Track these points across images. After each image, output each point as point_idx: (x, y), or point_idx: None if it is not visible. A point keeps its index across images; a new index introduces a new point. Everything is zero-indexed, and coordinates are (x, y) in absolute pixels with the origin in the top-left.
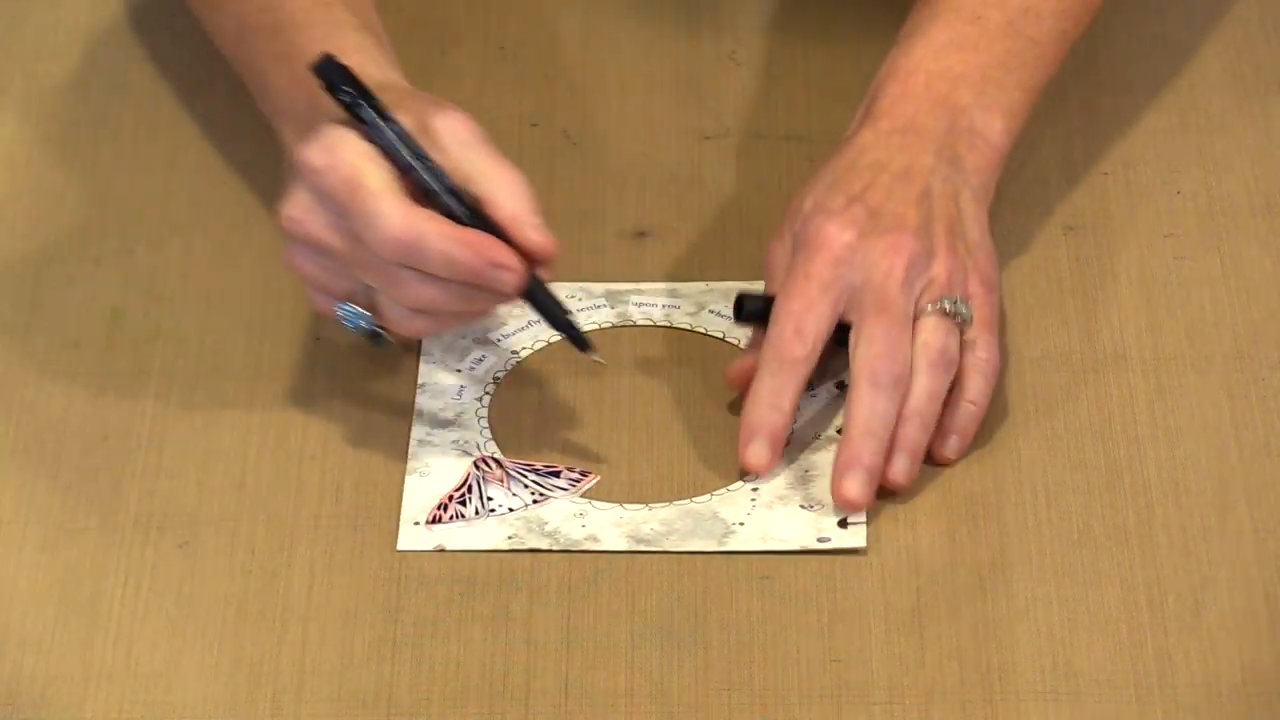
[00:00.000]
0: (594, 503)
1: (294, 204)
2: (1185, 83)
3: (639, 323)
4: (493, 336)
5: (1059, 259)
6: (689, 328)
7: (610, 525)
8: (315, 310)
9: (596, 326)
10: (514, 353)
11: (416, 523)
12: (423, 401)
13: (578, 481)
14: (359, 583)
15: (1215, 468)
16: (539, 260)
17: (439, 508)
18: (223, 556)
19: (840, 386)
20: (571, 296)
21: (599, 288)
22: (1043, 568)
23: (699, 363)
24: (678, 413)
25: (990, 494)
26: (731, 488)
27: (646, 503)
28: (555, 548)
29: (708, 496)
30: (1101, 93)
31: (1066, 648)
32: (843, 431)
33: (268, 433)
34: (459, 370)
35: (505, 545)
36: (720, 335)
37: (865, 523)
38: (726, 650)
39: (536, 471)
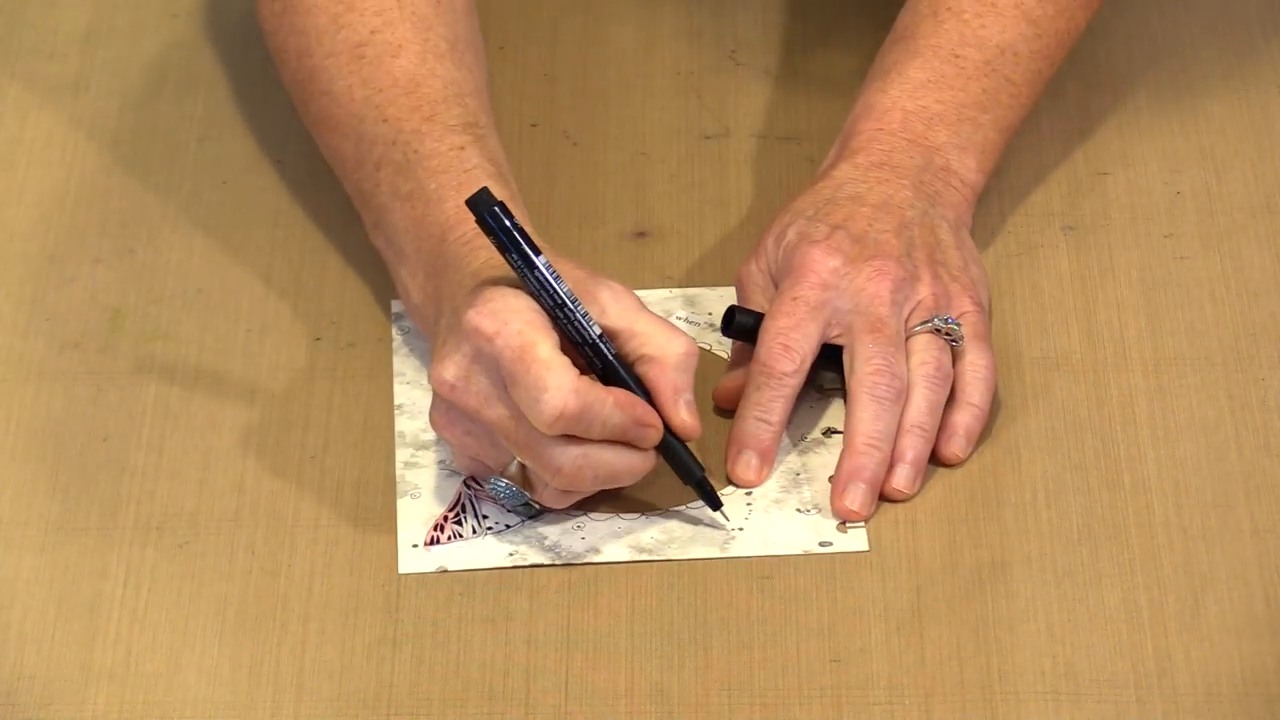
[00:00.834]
0: (590, 514)
1: (452, 368)
2: (1185, 83)
3: None
4: None
5: (1059, 259)
6: None
7: (610, 536)
8: (464, 471)
9: None
10: None
11: (415, 545)
12: (402, 424)
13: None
14: (359, 583)
15: (1215, 468)
16: (685, 436)
17: (435, 529)
18: (223, 556)
19: (821, 390)
20: None
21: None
22: (1043, 568)
23: None
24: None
25: (990, 494)
26: (724, 493)
27: (642, 512)
28: (558, 562)
29: (702, 503)
30: (1101, 93)
31: (1066, 648)
32: (845, 445)
33: (268, 433)
34: None
35: (508, 562)
36: None
37: (864, 525)
38: (726, 650)
39: None
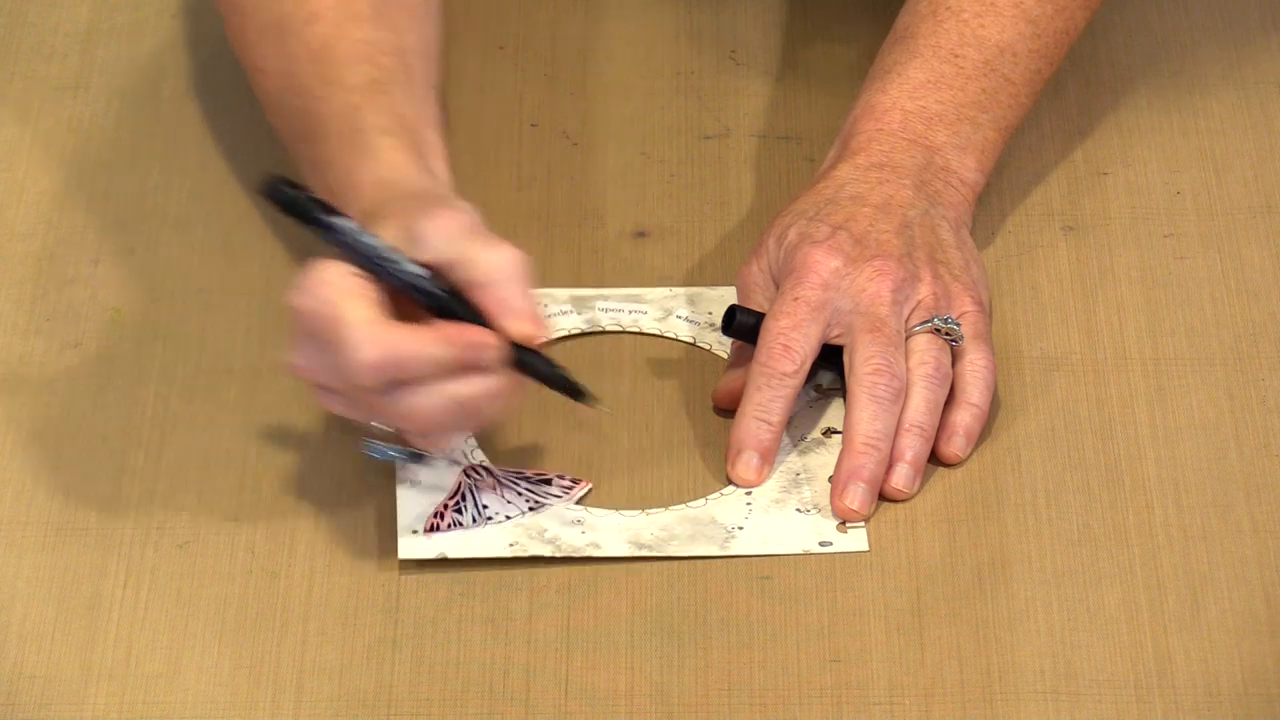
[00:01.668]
0: (590, 510)
1: (295, 353)
2: (1185, 83)
3: (607, 328)
4: None
5: (1059, 259)
6: (658, 333)
7: (610, 531)
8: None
9: (565, 333)
10: None
11: (415, 531)
12: None
13: (570, 489)
14: (359, 583)
15: (1215, 468)
16: (526, 343)
17: (435, 516)
18: (223, 556)
19: (819, 390)
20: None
21: (563, 293)
22: (1043, 568)
23: (673, 367)
24: (660, 418)
25: (990, 494)
26: (725, 491)
27: (642, 508)
28: (558, 555)
29: (703, 501)
30: (1101, 93)
31: (1066, 648)
32: (844, 445)
33: (268, 433)
34: None
35: (507, 552)
36: (690, 340)
37: (864, 525)
38: (726, 650)
39: (527, 479)
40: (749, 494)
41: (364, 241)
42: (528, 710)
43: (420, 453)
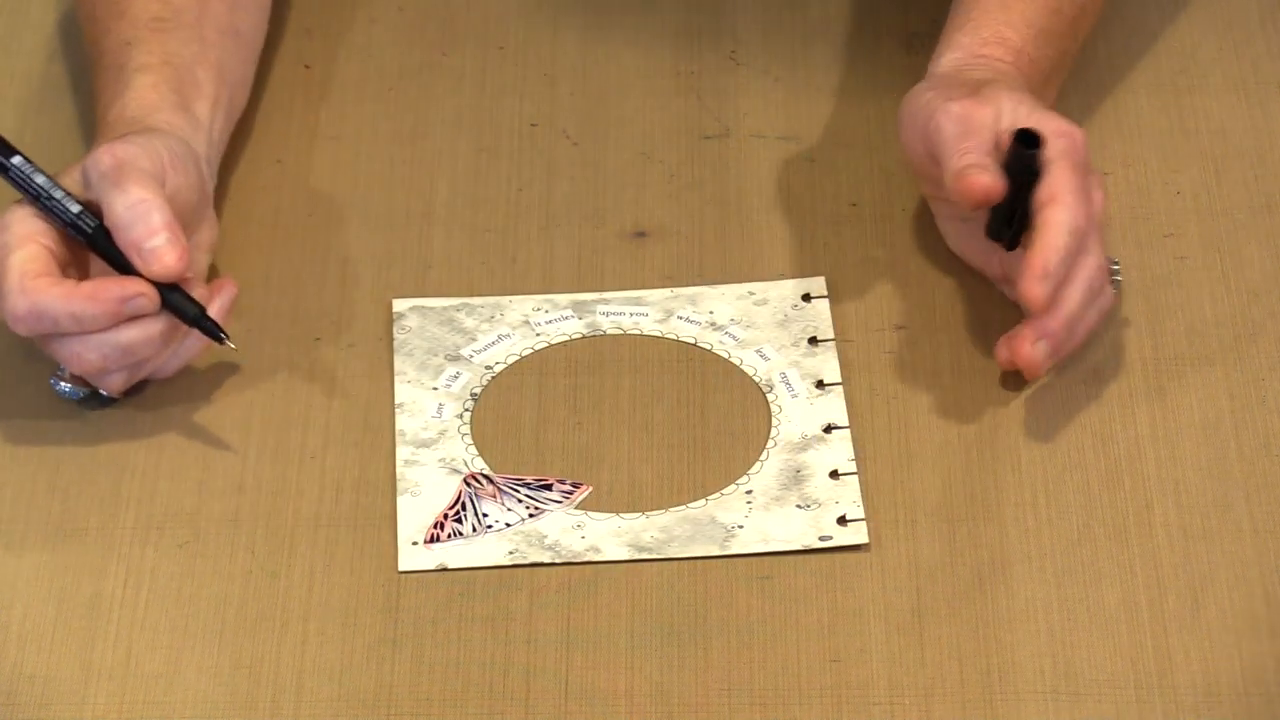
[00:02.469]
0: (590, 514)
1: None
2: (1185, 83)
3: (609, 332)
4: (464, 353)
5: None
6: (659, 334)
7: (610, 535)
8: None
9: (567, 337)
10: (488, 368)
11: (415, 542)
12: (403, 422)
13: (570, 494)
14: (359, 583)
15: (1215, 468)
16: (163, 277)
17: (436, 526)
18: (223, 557)
19: (820, 385)
20: (538, 309)
21: (564, 299)
22: (1043, 568)
23: (673, 368)
24: (662, 420)
25: (990, 494)
26: (725, 491)
27: (642, 511)
28: (558, 561)
29: (703, 501)
30: (1101, 93)
31: (1066, 648)
32: (1047, 306)
33: (268, 433)
34: (434, 388)
35: (507, 561)
36: (692, 341)
37: (865, 519)
38: (726, 650)
39: (528, 485)
40: (749, 492)
41: (33, 180)
42: (528, 710)
43: (103, 393)
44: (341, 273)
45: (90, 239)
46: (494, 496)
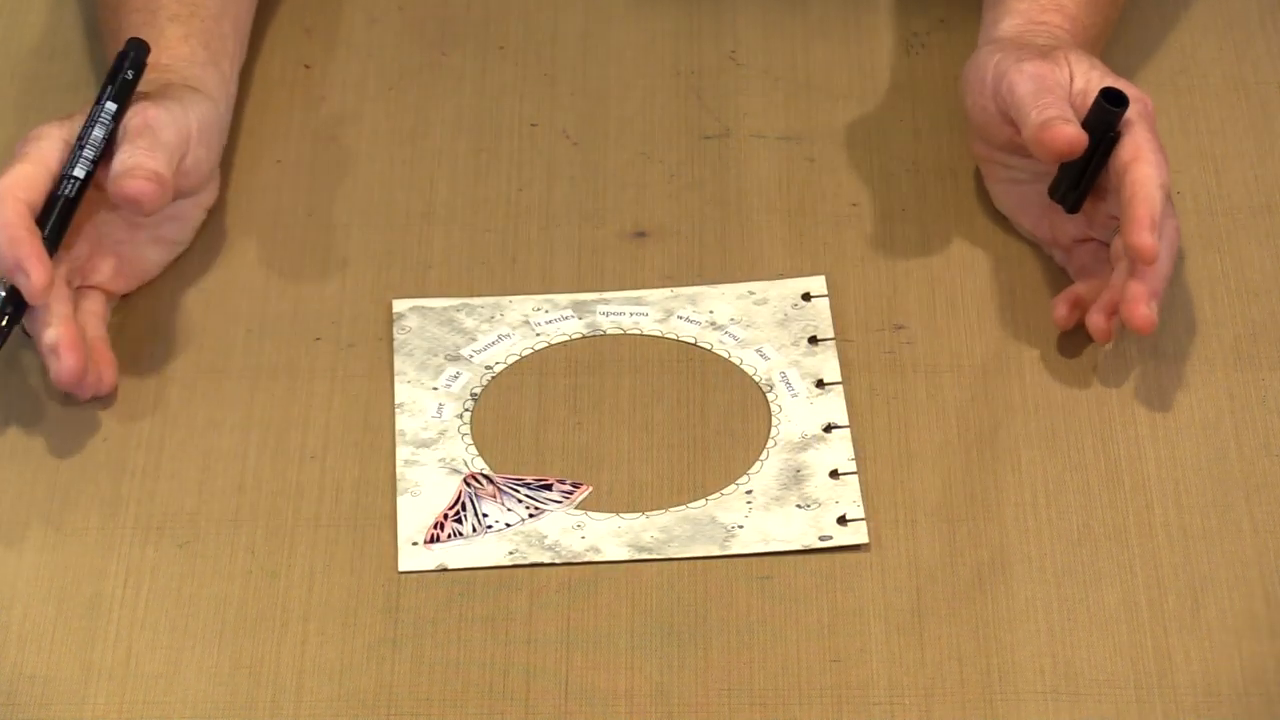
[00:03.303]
0: (590, 514)
1: None
2: (1185, 83)
3: (609, 331)
4: (464, 353)
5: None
6: (659, 334)
7: (609, 535)
8: None
9: (567, 337)
10: (488, 368)
11: (415, 543)
12: (403, 422)
13: (570, 494)
14: (359, 583)
15: (1215, 468)
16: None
17: (436, 526)
18: (223, 557)
19: (820, 385)
20: (538, 309)
21: (564, 299)
22: (1043, 568)
23: (673, 367)
24: (662, 420)
25: (990, 494)
26: (725, 491)
27: (642, 511)
28: (557, 561)
29: (703, 501)
30: None
31: (1066, 648)
32: (1149, 264)
33: (268, 433)
34: (434, 388)
35: (507, 561)
36: (692, 340)
37: (865, 519)
38: (726, 650)
39: (528, 485)
40: (749, 492)
41: (92, 128)
42: (528, 710)
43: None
44: (341, 273)
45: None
46: (494, 496)
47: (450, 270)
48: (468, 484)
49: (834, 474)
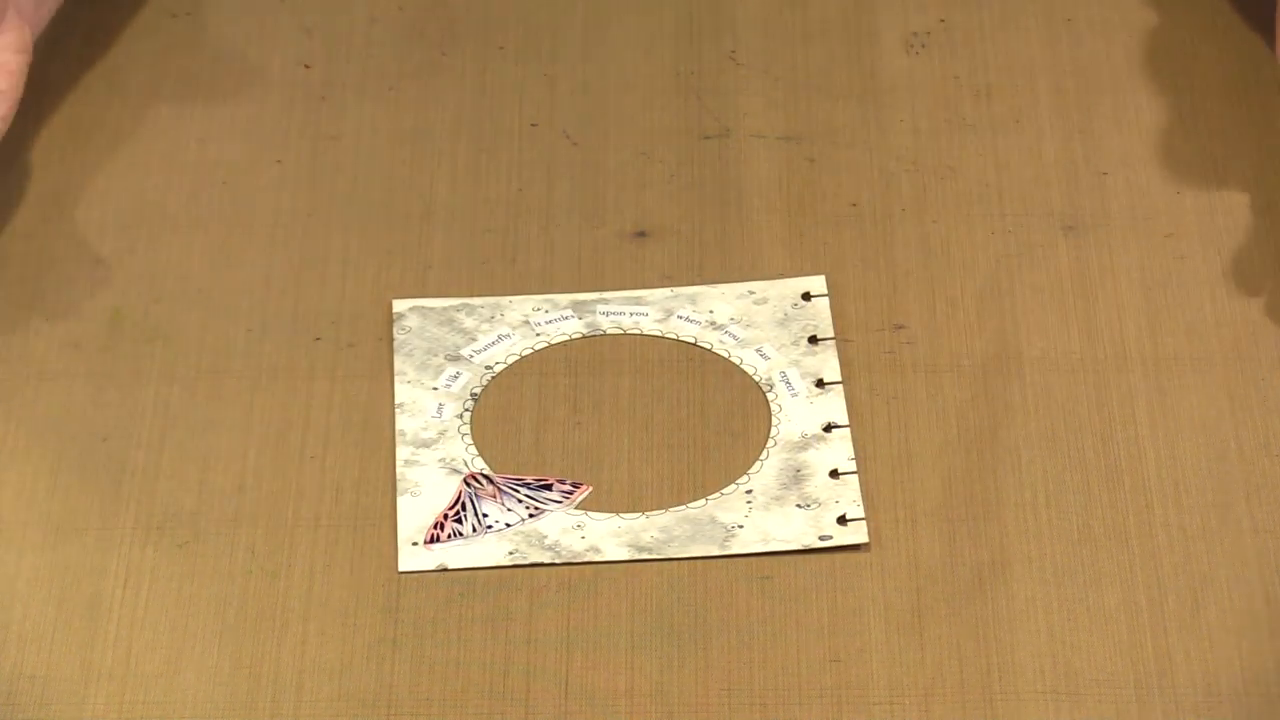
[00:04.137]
0: (590, 514)
1: None
2: (1185, 83)
3: (609, 331)
4: (464, 353)
5: (1059, 259)
6: (659, 334)
7: (609, 535)
8: None
9: (567, 337)
10: (488, 368)
11: (415, 543)
12: (403, 422)
13: (570, 494)
14: (359, 583)
15: (1215, 468)
16: None
17: (436, 527)
18: (223, 557)
19: (820, 384)
20: (538, 309)
21: (564, 299)
22: (1043, 568)
23: (673, 367)
24: (662, 420)
25: (990, 494)
26: (725, 491)
27: (642, 511)
28: (557, 561)
29: (703, 501)
30: (1101, 93)
31: (1066, 648)
32: None
33: (268, 433)
34: (434, 389)
35: (507, 561)
36: (692, 340)
37: (865, 519)
38: (726, 650)
39: (528, 485)
40: (749, 492)
41: None
42: (528, 710)
43: None
44: (341, 273)
45: None
46: (494, 496)
47: (450, 270)
48: (468, 484)
49: (834, 474)
